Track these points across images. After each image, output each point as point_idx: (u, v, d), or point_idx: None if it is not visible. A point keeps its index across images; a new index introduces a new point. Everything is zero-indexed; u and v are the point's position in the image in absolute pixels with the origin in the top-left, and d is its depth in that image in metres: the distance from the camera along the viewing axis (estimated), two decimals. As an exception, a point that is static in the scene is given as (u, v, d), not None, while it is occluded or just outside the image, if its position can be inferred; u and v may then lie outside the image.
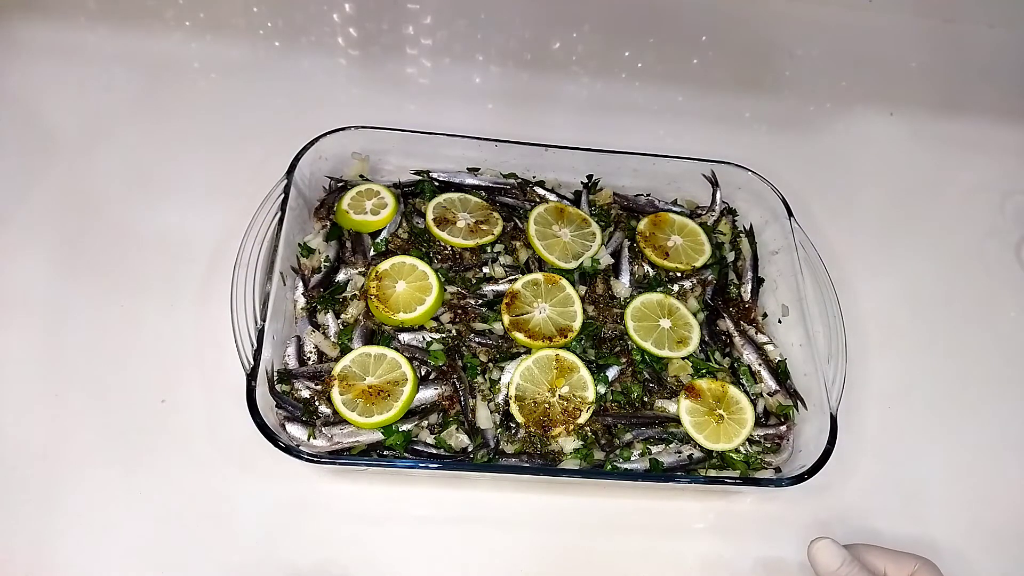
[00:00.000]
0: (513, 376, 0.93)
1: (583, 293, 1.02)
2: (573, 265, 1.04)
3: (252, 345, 0.85)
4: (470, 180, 1.11)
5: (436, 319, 0.98)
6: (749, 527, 0.93)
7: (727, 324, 1.04)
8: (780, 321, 1.05)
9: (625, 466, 0.91)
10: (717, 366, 0.99)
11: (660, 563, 0.89)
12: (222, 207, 1.04)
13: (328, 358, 0.94)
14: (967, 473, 1.02)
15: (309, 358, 0.94)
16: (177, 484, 0.87)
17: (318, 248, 1.01)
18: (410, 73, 1.32)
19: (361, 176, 1.08)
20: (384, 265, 0.98)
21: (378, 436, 0.88)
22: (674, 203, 1.15)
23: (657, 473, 0.90)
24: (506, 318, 0.97)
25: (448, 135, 1.06)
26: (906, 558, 0.81)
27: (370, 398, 0.88)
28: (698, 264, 1.08)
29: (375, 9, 1.39)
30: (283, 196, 0.96)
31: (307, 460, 0.80)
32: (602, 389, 0.94)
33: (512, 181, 1.11)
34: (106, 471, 0.86)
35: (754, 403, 0.96)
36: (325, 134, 1.03)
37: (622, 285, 1.04)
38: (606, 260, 1.05)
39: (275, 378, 0.90)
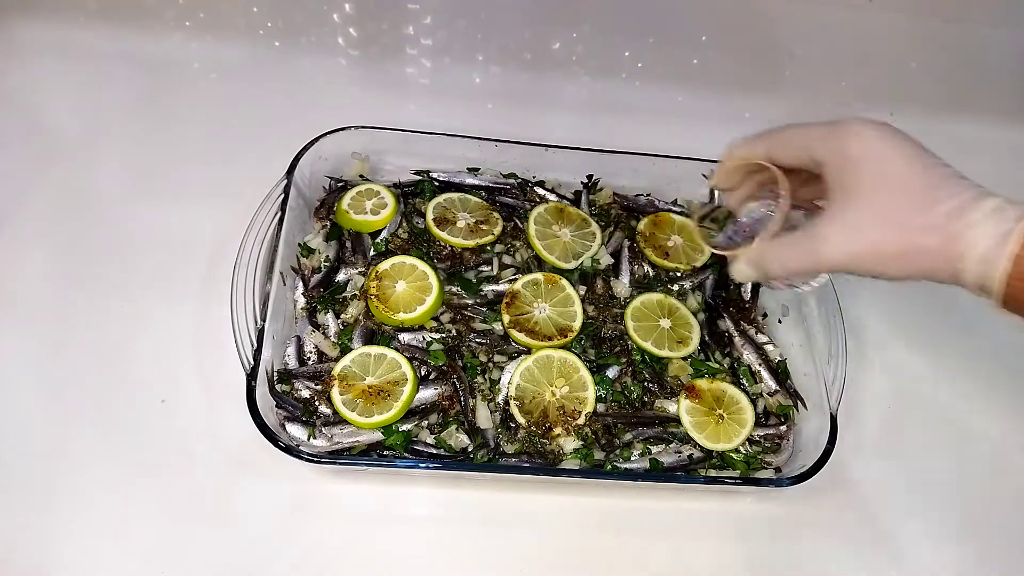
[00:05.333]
0: (513, 376, 0.93)
1: (583, 293, 1.02)
2: (573, 265, 1.04)
3: (252, 345, 0.85)
4: (470, 180, 1.11)
5: (436, 319, 0.98)
6: (749, 527, 0.93)
7: (727, 324, 1.04)
8: (780, 321, 1.05)
9: (625, 466, 0.91)
10: (717, 366, 0.99)
11: (660, 563, 0.89)
12: (222, 207, 1.04)
13: (328, 358, 0.94)
14: (968, 472, 1.02)
15: (309, 358, 0.94)
16: (177, 484, 0.87)
17: (318, 248, 1.01)
18: (410, 73, 1.32)
19: (361, 176, 1.08)
20: (384, 265, 0.98)
21: (378, 436, 0.88)
22: (674, 203, 1.15)
23: (657, 473, 0.90)
24: (506, 318, 0.97)
25: (448, 135, 1.06)
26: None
27: (370, 398, 0.88)
28: (698, 264, 1.08)
29: (375, 9, 1.39)
30: (283, 196, 0.96)
31: (307, 460, 0.80)
32: (602, 389, 0.94)
33: (512, 181, 1.11)
34: (106, 471, 0.86)
35: (754, 403, 0.96)
36: (325, 134, 1.03)
37: (622, 285, 1.04)
38: (606, 260, 1.05)
39: (275, 378, 0.90)
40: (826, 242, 0.63)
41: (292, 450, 0.79)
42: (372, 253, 1.02)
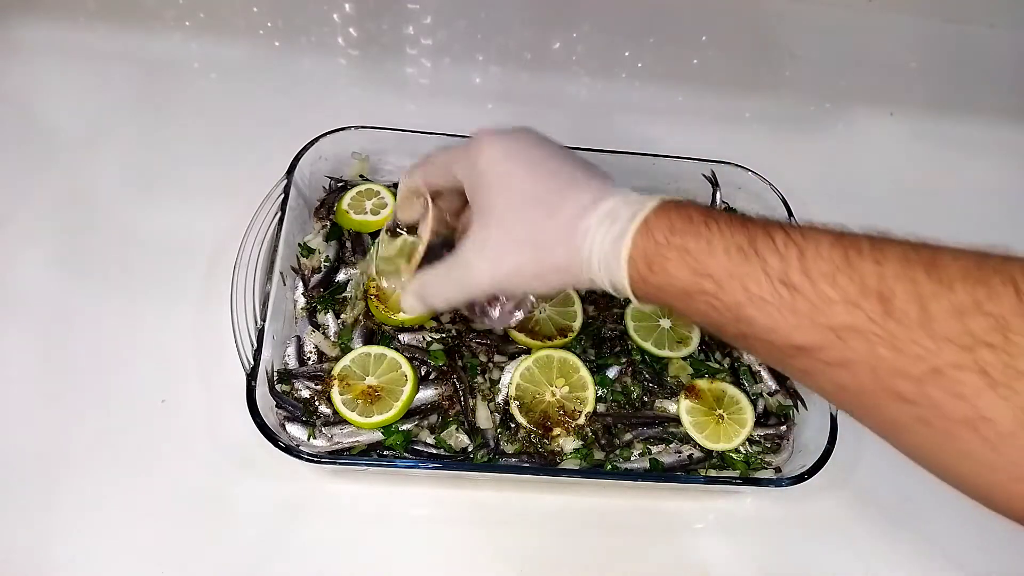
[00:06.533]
0: (513, 376, 0.93)
1: (583, 293, 1.02)
2: (573, 265, 1.04)
3: (252, 345, 0.85)
4: (470, 180, 1.10)
5: (436, 319, 0.98)
6: (749, 527, 0.93)
7: (727, 324, 1.04)
8: (780, 321, 1.05)
9: (625, 466, 0.91)
10: (717, 366, 0.99)
11: (660, 563, 0.89)
12: (222, 207, 1.04)
13: (328, 358, 0.94)
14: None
15: (309, 358, 0.94)
16: (177, 484, 0.87)
17: (318, 248, 1.01)
18: (410, 73, 1.32)
19: (361, 176, 1.08)
20: (384, 265, 0.98)
21: (378, 436, 0.88)
22: (674, 203, 1.15)
23: (657, 473, 0.90)
24: (506, 318, 0.97)
25: (448, 135, 1.06)
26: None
27: (370, 398, 0.88)
28: (698, 264, 1.07)
29: (375, 9, 1.39)
30: (283, 196, 0.96)
31: (307, 460, 0.79)
32: (602, 389, 0.94)
33: (512, 181, 1.11)
34: (106, 471, 0.86)
35: (754, 403, 0.96)
36: (325, 134, 1.03)
37: (622, 285, 1.04)
38: (606, 260, 1.05)
39: (275, 378, 0.90)
40: (471, 269, 0.59)
41: (292, 450, 0.79)
42: (372, 253, 1.03)
